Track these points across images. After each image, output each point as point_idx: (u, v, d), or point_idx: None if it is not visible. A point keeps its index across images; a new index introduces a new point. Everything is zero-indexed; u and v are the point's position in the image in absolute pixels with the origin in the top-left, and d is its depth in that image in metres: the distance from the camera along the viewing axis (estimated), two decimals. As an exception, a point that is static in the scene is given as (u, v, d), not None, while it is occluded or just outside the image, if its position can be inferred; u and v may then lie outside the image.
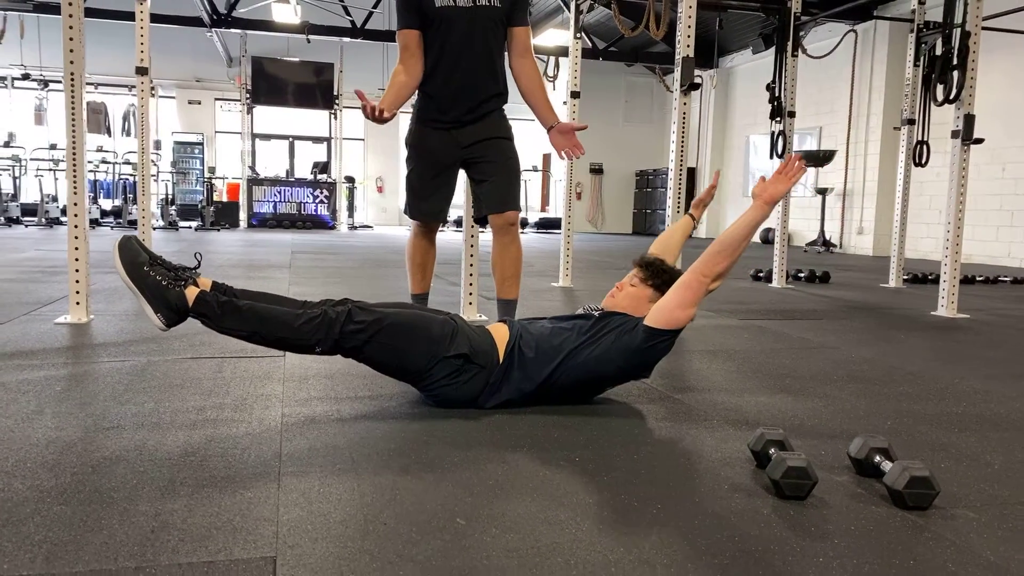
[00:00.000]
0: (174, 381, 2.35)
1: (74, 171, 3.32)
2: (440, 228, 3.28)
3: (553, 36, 13.45)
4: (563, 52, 14.39)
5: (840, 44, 10.41)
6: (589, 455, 1.76)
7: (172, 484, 1.49)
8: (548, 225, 15.62)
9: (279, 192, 14.10)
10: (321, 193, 14.26)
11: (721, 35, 13.71)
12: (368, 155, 17.28)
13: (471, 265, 3.76)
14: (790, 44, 5.86)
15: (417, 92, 2.95)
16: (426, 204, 3.04)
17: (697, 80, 3.94)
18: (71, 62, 3.25)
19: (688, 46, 3.95)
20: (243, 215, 14.16)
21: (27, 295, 4.11)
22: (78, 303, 3.34)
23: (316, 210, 14.22)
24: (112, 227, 12.33)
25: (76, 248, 3.33)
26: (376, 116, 2.62)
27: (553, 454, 1.76)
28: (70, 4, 3.23)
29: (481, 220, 3.06)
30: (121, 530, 1.28)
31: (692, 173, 15.80)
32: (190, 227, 13.13)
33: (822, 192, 11.59)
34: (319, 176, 14.54)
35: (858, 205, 11.54)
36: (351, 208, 15.38)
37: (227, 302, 2.00)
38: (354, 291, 4.69)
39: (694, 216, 2.62)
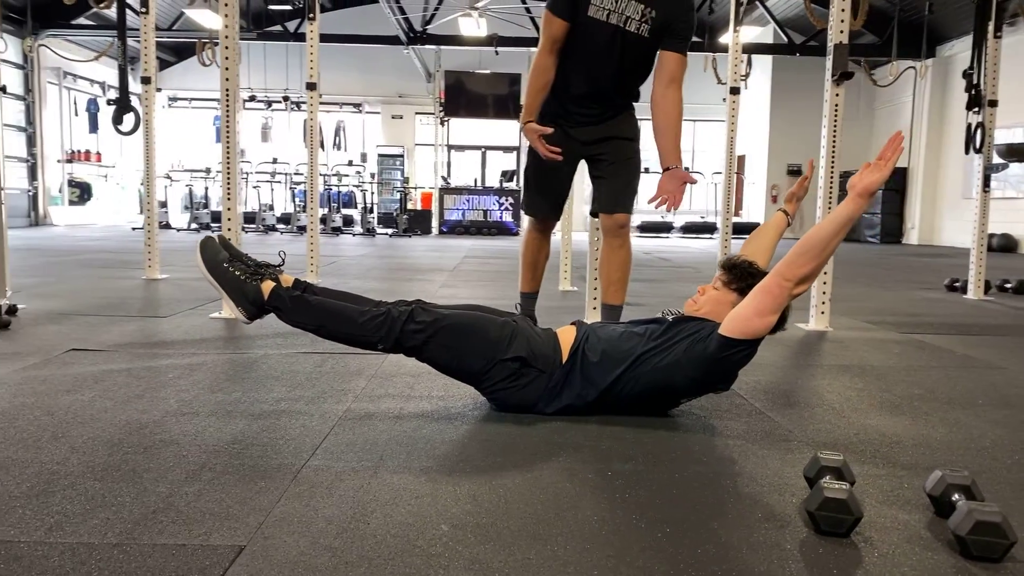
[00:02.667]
0: (273, 373, 2.49)
1: (228, 178, 3.64)
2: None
3: (744, 33, 12.83)
4: (755, 49, 13.75)
5: (1080, 22, 9.08)
6: (626, 469, 1.63)
7: (201, 469, 1.58)
8: (740, 230, 14.90)
9: (467, 200, 14.66)
10: (506, 200, 14.64)
11: (936, 21, 12.43)
12: (555, 163, 17.46)
13: (596, 268, 3.66)
14: (992, 24, 5.17)
15: None
16: (540, 200, 3.01)
17: (851, 70, 3.58)
18: (227, 79, 3.58)
19: (841, 32, 3.60)
20: (435, 222, 14.87)
21: (204, 292, 4.55)
22: (230, 300, 3.65)
23: (501, 217, 14.63)
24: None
25: (229, 250, 3.65)
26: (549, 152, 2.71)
27: (588, 466, 1.65)
28: (226, 27, 3.56)
29: (595, 214, 2.97)
30: (128, 508, 1.37)
31: (904, 174, 14.43)
32: (387, 234, 13.99)
33: (1057, 192, 10.13)
34: (505, 184, 14.93)
35: (1104, 206, 9.97)
36: (536, 215, 15.64)
37: (298, 297, 2.09)
38: (500, 293, 4.76)
39: (787, 212, 2.38)
